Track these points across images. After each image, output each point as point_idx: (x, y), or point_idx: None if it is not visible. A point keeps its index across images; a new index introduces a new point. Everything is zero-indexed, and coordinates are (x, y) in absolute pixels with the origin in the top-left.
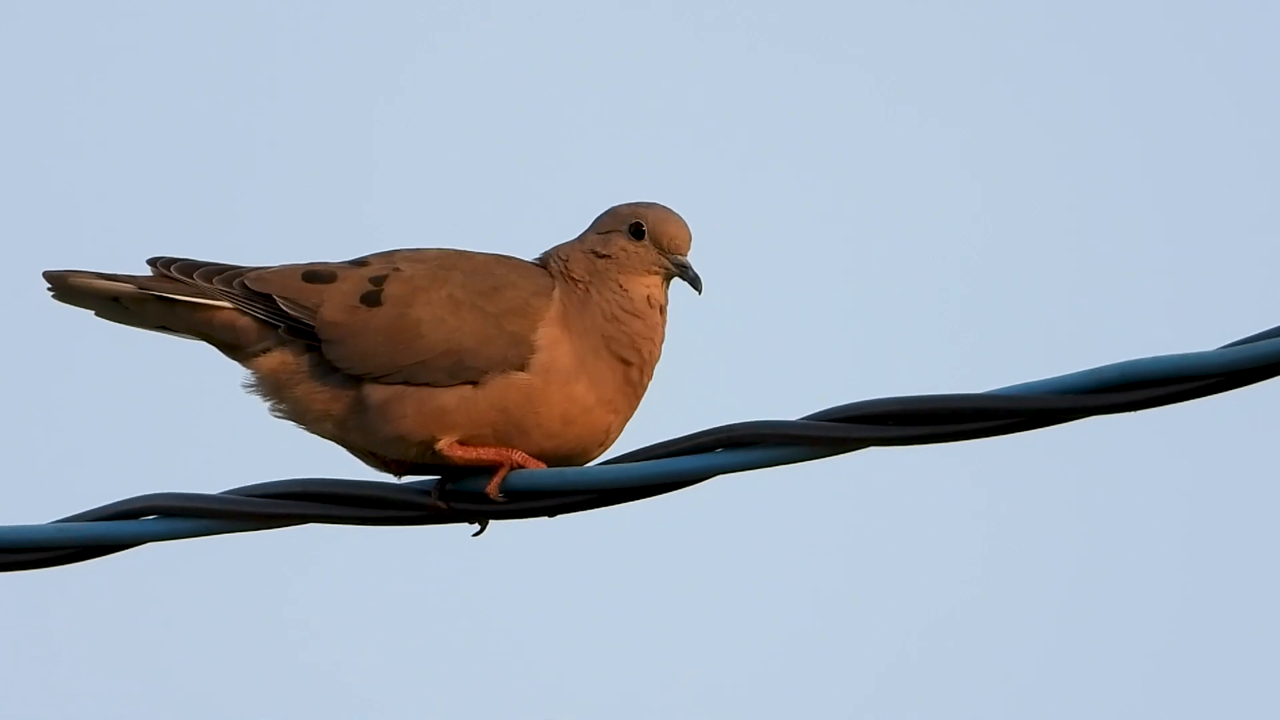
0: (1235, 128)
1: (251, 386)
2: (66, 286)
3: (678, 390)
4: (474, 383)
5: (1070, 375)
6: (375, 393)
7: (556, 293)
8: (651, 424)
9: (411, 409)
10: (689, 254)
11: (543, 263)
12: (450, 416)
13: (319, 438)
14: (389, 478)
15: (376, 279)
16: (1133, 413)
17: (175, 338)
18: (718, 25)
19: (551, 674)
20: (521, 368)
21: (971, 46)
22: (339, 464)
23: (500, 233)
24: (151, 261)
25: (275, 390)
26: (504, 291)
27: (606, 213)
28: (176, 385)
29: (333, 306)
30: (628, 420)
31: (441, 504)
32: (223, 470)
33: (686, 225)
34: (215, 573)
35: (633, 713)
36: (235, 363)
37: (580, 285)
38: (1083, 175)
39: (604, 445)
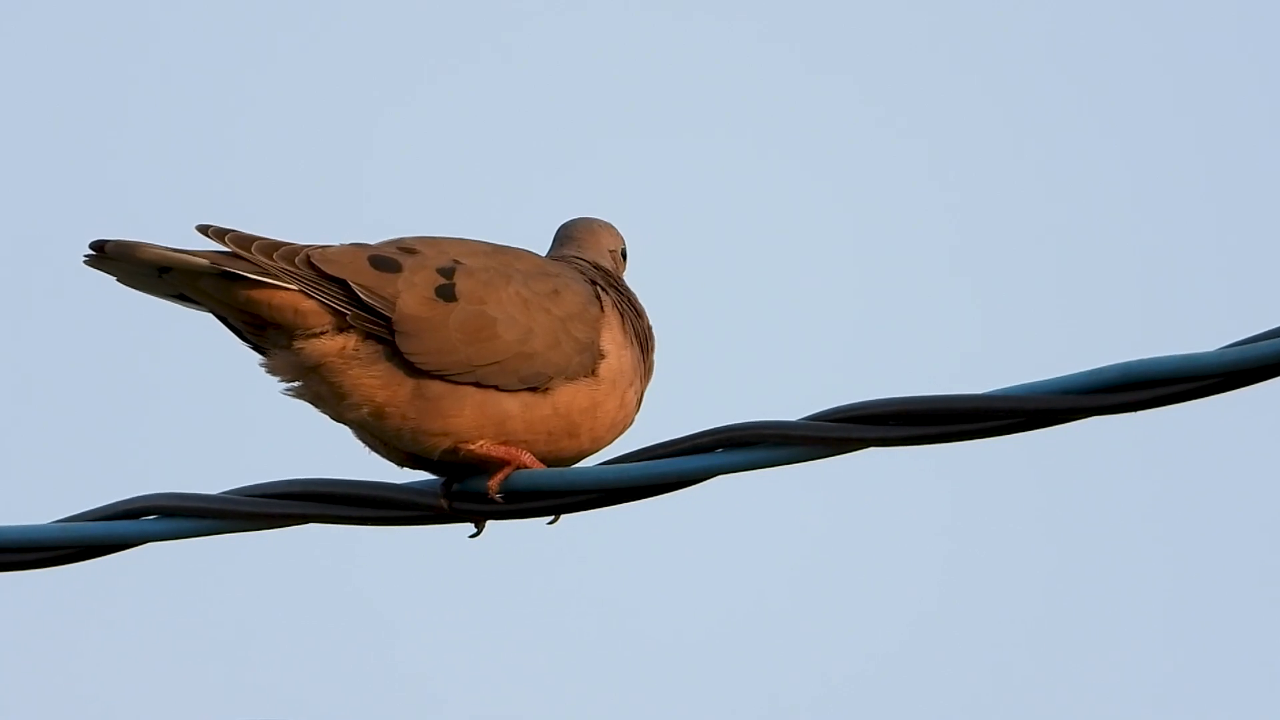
0: (1235, 128)
1: (276, 366)
2: (130, 257)
3: (678, 390)
4: (535, 388)
5: (1071, 375)
6: (435, 386)
7: (609, 299)
8: (652, 424)
9: (470, 408)
10: None
11: (584, 267)
12: (510, 422)
13: (332, 421)
14: (388, 473)
15: (445, 271)
16: (1133, 413)
17: (188, 308)
18: (719, 23)
19: (551, 674)
20: (591, 374)
21: (973, 45)
22: (339, 464)
23: (491, 229)
24: (203, 229)
25: (315, 371)
26: (564, 295)
27: (606, 231)
28: (177, 385)
29: (411, 299)
30: None
31: (444, 503)
32: (223, 470)
33: None
34: (215, 573)
35: (632, 713)
36: (248, 342)
37: (615, 291)
38: (1083, 175)
39: None
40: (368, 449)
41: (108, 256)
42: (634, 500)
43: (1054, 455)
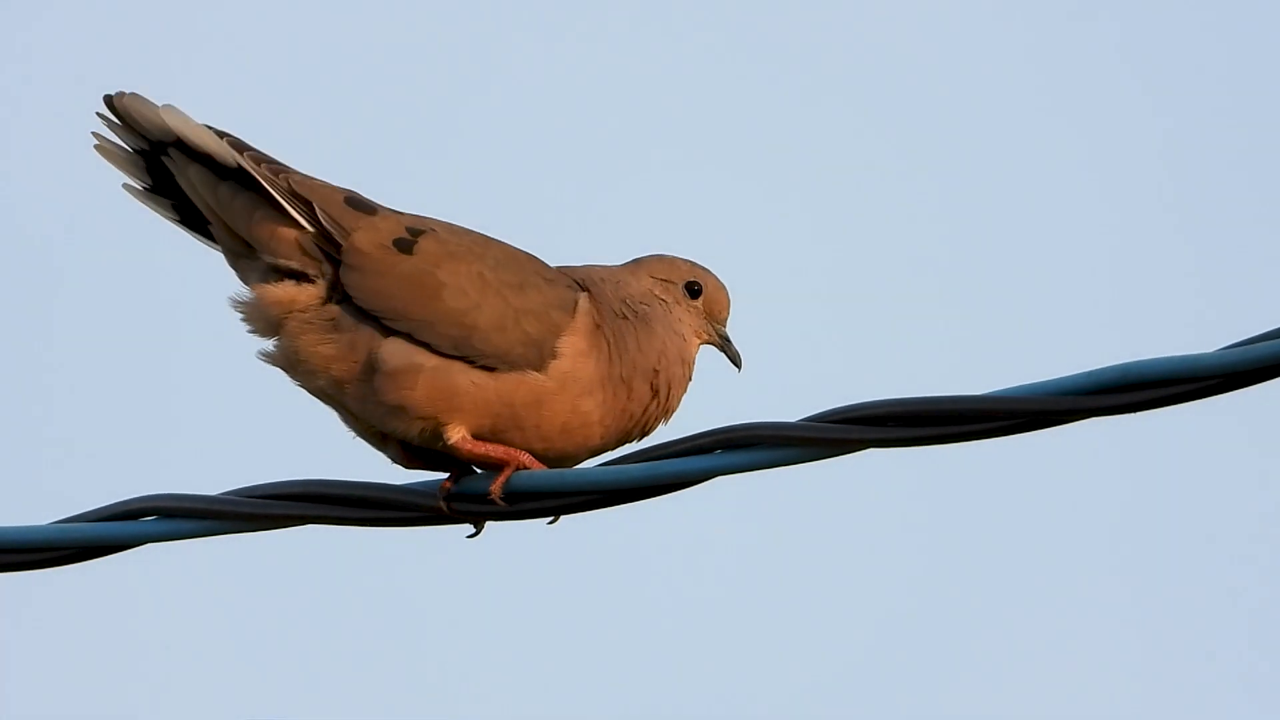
0: (1235, 128)
1: (248, 311)
2: (154, 119)
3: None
4: (489, 369)
5: (1070, 376)
6: (390, 359)
7: (585, 309)
8: None
9: (423, 382)
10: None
11: (580, 278)
12: (459, 399)
13: (307, 394)
14: (388, 473)
15: (414, 230)
16: (1133, 414)
17: (169, 221)
18: (715, 30)
19: (551, 675)
20: (538, 369)
21: (969, 44)
22: (339, 464)
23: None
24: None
25: (278, 331)
26: (528, 291)
27: (660, 260)
28: (177, 385)
29: (366, 237)
30: (623, 442)
31: (442, 505)
32: (223, 470)
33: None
34: (215, 573)
35: (631, 712)
36: (236, 271)
37: (620, 312)
38: (1083, 176)
39: (593, 454)
40: (353, 434)
41: (123, 115)
42: (633, 501)
43: (1053, 456)
